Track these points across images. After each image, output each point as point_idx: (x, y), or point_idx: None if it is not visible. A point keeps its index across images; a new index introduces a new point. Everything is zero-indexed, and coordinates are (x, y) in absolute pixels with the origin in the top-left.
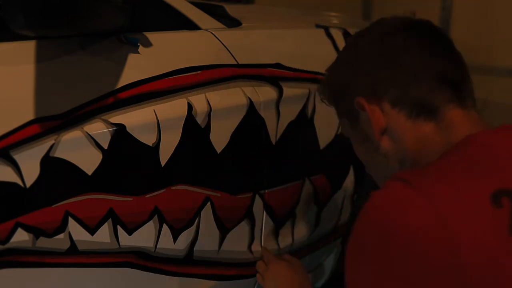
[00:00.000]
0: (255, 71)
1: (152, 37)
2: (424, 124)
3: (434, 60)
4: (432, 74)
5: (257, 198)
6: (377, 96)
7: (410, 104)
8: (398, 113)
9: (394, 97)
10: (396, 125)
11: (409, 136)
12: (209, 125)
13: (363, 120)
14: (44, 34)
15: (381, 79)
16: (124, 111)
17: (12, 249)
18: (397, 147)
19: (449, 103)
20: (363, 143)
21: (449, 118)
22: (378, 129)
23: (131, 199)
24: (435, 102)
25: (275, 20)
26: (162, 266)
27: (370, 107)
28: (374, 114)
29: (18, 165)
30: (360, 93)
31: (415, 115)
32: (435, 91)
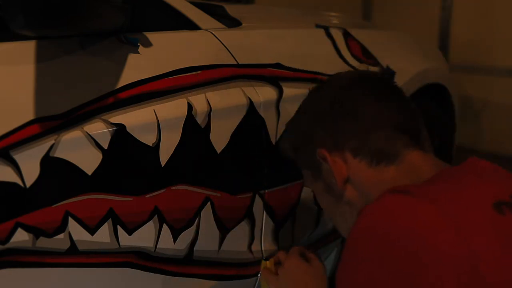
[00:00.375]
0: (255, 71)
1: (152, 37)
2: (385, 170)
3: (390, 111)
4: (389, 124)
5: (257, 198)
6: (338, 147)
7: (370, 153)
8: (359, 162)
9: (355, 148)
10: (359, 174)
11: (372, 182)
12: (209, 125)
13: (325, 171)
14: (44, 34)
15: (341, 131)
16: (124, 111)
17: (12, 249)
18: (361, 194)
19: (407, 148)
20: (327, 193)
21: (409, 160)
22: (341, 179)
23: (131, 199)
24: (394, 149)
25: (275, 20)
26: (162, 266)
27: (331, 158)
28: (336, 164)
29: (18, 165)
30: (321, 144)
31: (376, 163)
32: (393, 139)
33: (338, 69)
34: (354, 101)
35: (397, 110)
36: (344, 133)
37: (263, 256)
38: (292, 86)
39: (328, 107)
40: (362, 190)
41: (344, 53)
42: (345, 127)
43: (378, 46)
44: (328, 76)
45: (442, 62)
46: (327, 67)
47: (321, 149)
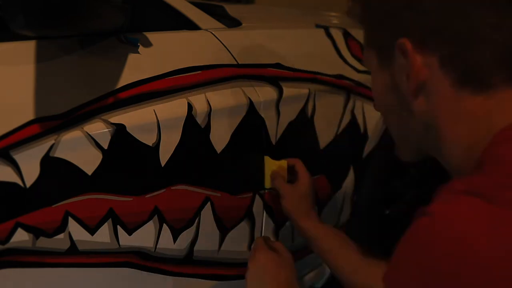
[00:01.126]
0: (255, 71)
1: (152, 37)
2: (468, 98)
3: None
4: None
5: (257, 198)
6: (427, 45)
7: (463, 69)
8: (444, 76)
9: (448, 55)
10: (437, 89)
11: (447, 106)
12: (209, 125)
13: (398, 65)
14: (44, 34)
15: (439, 27)
16: (124, 111)
17: (12, 249)
18: (429, 113)
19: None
20: (389, 89)
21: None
22: (415, 84)
23: (131, 199)
24: (493, 77)
25: (275, 20)
26: (162, 266)
27: (414, 55)
28: (416, 65)
29: (18, 165)
30: (407, 33)
31: (462, 84)
32: (498, 62)
33: (338, 69)
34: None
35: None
36: (441, 31)
37: None
38: (292, 86)
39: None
40: (431, 108)
41: (344, 53)
42: (445, 24)
43: None
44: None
45: None
46: (327, 67)
47: (405, 39)
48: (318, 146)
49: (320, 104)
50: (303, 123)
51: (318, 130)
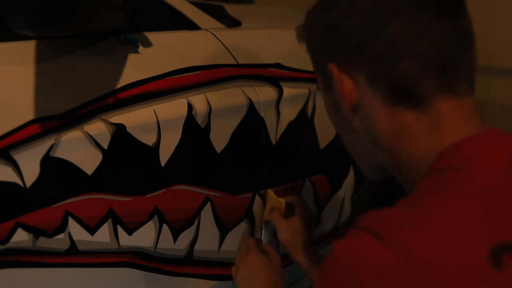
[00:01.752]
0: (255, 71)
1: (152, 37)
2: (403, 113)
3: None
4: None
5: (257, 198)
6: (353, 67)
7: (390, 85)
8: (374, 93)
9: (372, 73)
10: (370, 107)
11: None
12: (209, 125)
13: (335, 88)
14: (44, 34)
15: (360, 46)
16: (124, 111)
17: (12, 249)
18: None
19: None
20: (334, 111)
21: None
22: (349, 105)
23: (131, 199)
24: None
25: (275, 20)
26: (162, 266)
27: (341, 78)
28: (345, 88)
29: (18, 165)
30: (334, 57)
31: (394, 101)
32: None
33: None
34: (385, 10)
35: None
36: (362, 50)
37: None
38: (292, 86)
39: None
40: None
41: None
42: (365, 43)
43: None
44: None
45: None
46: None
47: (331, 63)
48: (318, 146)
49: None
50: (303, 123)
51: (318, 130)
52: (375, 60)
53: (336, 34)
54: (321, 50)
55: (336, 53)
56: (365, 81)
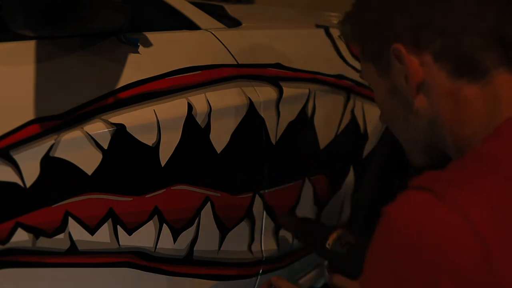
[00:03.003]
0: (255, 71)
1: (152, 37)
2: (466, 87)
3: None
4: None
5: (257, 198)
6: (419, 45)
7: (456, 60)
8: (439, 69)
9: (439, 49)
10: (435, 84)
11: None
12: (209, 125)
13: (395, 70)
14: (44, 34)
15: (426, 24)
16: (124, 111)
17: (12, 249)
18: (432, 108)
19: (499, 66)
20: (391, 95)
21: (496, 85)
22: (415, 84)
23: (131, 199)
24: (485, 62)
25: (275, 20)
26: (162, 266)
27: (409, 57)
28: (412, 67)
29: (18, 165)
30: (398, 38)
31: (458, 74)
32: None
33: (338, 69)
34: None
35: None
36: (429, 28)
37: (263, 257)
38: (292, 86)
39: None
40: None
41: (344, 53)
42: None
43: None
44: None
45: None
46: (327, 67)
47: (397, 43)
48: (318, 146)
49: (320, 104)
50: (303, 123)
51: (318, 130)
52: (442, 36)
53: (397, 16)
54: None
55: (399, 34)
56: (431, 57)
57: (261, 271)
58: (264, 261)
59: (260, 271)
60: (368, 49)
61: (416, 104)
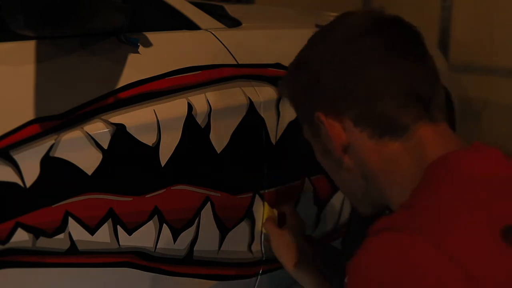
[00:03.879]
0: (255, 71)
1: (152, 37)
2: (389, 144)
3: (403, 71)
4: (399, 89)
5: (257, 198)
6: (338, 112)
7: (374, 123)
8: (360, 132)
9: (356, 115)
10: (359, 145)
11: (373, 156)
12: (209, 125)
13: (324, 134)
14: (44, 34)
15: (342, 94)
16: (124, 111)
17: (12, 249)
18: (360, 166)
19: (417, 121)
20: (325, 154)
21: (418, 137)
22: (339, 146)
23: (131, 199)
24: (402, 121)
25: (275, 20)
26: (162, 266)
27: (329, 123)
28: (334, 131)
29: (18, 165)
30: (319, 107)
31: (379, 135)
32: (402, 108)
33: None
34: (360, 58)
35: (412, 70)
36: (344, 97)
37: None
38: None
39: (325, 65)
40: (361, 162)
41: None
42: (346, 90)
43: None
44: None
45: (442, 62)
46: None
47: (318, 112)
48: None
49: None
50: None
51: None
52: (357, 104)
53: (317, 85)
54: (306, 101)
55: (320, 102)
56: (351, 122)
57: (261, 271)
58: (264, 261)
59: (260, 271)
60: (300, 113)
61: (345, 163)
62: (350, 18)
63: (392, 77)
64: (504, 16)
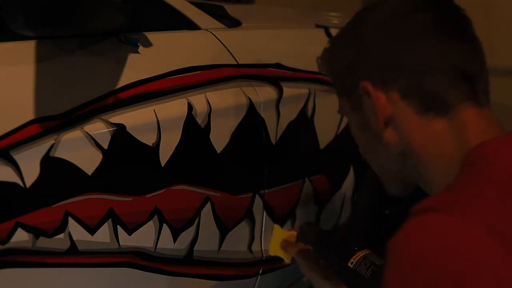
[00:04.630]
0: (255, 71)
1: (152, 37)
2: (434, 121)
3: (454, 49)
4: (450, 66)
5: (257, 198)
6: (386, 83)
7: (422, 97)
8: (407, 106)
9: (405, 87)
10: (403, 118)
11: (416, 131)
12: (209, 125)
13: (366, 106)
14: (44, 34)
15: (392, 65)
16: (124, 111)
17: (12, 249)
18: (401, 141)
19: (464, 101)
20: (363, 128)
21: (462, 117)
22: (383, 119)
23: (131, 199)
24: (450, 98)
25: (275, 20)
26: (162, 266)
27: (376, 94)
28: (380, 102)
29: (18, 165)
30: (366, 76)
31: (425, 110)
32: (451, 85)
33: None
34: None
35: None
36: (395, 68)
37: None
38: (292, 86)
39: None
40: (403, 137)
41: None
42: (397, 62)
43: None
44: None
45: None
46: None
47: (364, 81)
48: (318, 146)
49: (320, 104)
50: (303, 123)
51: (318, 130)
52: (407, 76)
53: (367, 55)
54: (351, 72)
55: (368, 72)
56: (398, 95)
57: (261, 271)
58: (264, 261)
59: (260, 271)
60: (342, 85)
61: (385, 138)
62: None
63: (443, 53)
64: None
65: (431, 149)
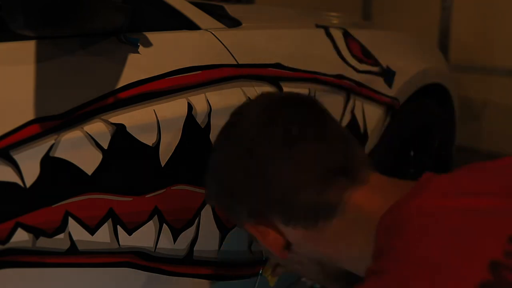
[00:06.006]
0: (255, 71)
1: (152, 37)
2: (327, 226)
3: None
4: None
5: None
6: (266, 217)
7: (303, 216)
8: (294, 229)
9: (283, 215)
10: (299, 240)
11: (319, 243)
12: (209, 125)
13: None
14: (44, 34)
15: (259, 202)
16: (124, 111)
17: (12, 249)
18: (311, 255)
19: (346, 190)
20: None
21: (353, 204)
22: (278, 250)
23: (131, 199)
24: (330, 198)
25: (275, 20)
26: (162, 266)
27: (261, 231)
28: (269, 238)
29: (18, 165)
30: (245, 218)
31: (313, 223)
32: (325, 190)
33: (338, 69)
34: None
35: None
36: (264, 203)
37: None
38: (292, 86)
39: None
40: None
41: (344, 53)
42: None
43: (378, 46)
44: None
45: (442, 62)
46: (327, 67)
47: (246, 224)
48: None
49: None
50: None
51: None
52: (278, 204)
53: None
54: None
55: (243, 214)
56: (281, 224)
57: (261, 271)
58: (264, 261)
59: (260, 271)
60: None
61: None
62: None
63: (303, 167)
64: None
65: (341, 246)
